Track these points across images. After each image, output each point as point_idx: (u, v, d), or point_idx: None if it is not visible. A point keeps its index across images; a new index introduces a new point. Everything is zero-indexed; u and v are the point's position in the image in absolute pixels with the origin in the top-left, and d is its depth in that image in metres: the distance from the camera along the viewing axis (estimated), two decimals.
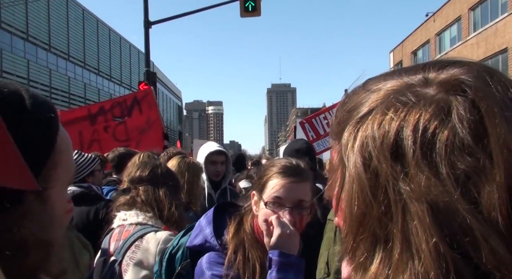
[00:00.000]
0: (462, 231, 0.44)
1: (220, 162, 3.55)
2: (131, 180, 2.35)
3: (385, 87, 0.54)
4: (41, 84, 33.75)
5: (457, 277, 0.44)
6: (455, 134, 0.46)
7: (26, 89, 0.74)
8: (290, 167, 1.62)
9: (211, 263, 1.59)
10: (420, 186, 0.46)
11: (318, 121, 6.37)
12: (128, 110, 6.61)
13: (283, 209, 1.56)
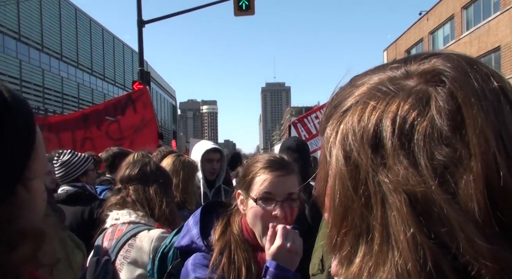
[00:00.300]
0: (440, 221, 0.44)
1: (216, 160, 3.56)
2: (121, 180, 2.35)
3: (369, 81, 0.54)
4: (34, 84, 33.50)
5: (435, 268, 0.43)
6: (433, 125, 0.46)
7: (2, 84, 0.76)
8: (275, 161, 1.62)
9: (196, 265, 1.57)
10: (398, 177, 0.46)
11: (310, 120, 6.42)
12: (121, 109, 6.59)
13: (273, 204, 1.55)
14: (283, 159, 1.66)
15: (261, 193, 1.56)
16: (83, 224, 3.15)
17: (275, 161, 1.61)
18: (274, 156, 1.66)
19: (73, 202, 3.26)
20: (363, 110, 0.51)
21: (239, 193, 1.66)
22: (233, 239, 1.59)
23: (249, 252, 1.58)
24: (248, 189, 1.60)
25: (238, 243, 1.58)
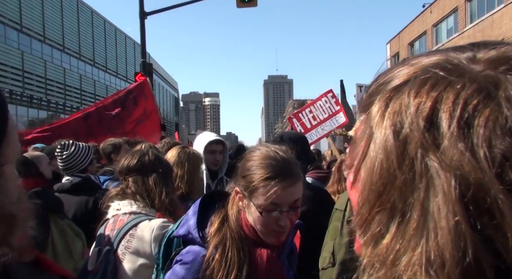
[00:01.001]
0: (490, 213, 0.40)
1: (218, 151, 3.57)
2: (120, 171, 2.35)
3: (427, 60, 0.51)
4: (36, 75, 33.44)
5: (474, 262, 0.40)
6: (499, 113, 0.43)
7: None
8: (280, 168, 1.49)
9: (185, 257, 1.58)
10: (452, 160, 0.43)
11: (305, 115, 6.46)
12: (121, 103, 6.57)
13: (277, 211, 1.49)
14: (289, 163, 1.52)
15: (267, 205, 1.49)
16: (87, 214, 3.18)
17: (281, 168, 1.49)
18: (276, 158, 1.52)
19: (77, 192, 3.29)
20: (420, 87, 0.48)
21: (237, 190, 1.59)
22: (230, 236, 1.55)
23: (246, 251, 1.54)
24: (250, 194, 1.52)
25: (235, 241, 1.54)
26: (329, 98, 6.45)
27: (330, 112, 6.35)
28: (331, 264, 2.18)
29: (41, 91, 34.17)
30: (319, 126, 6.37)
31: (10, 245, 0.75)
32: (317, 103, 6.44)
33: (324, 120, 6.31)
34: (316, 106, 6.41)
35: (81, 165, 3.41)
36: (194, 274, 1.53)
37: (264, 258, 1.55)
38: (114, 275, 2.07)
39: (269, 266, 1.54)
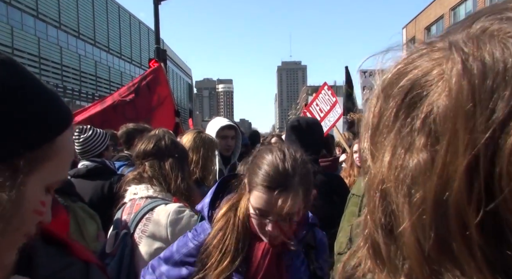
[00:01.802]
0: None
1: (230, 136, 3.55)
2: (137, 156, 2.36)
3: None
4: (52, 61, 33.82)
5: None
6: None
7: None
8: (275, 178, 1.46)
9: (195, 231, 1.69)
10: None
11: (314, 107, 6.82)
12: (135, 90, 6.58)
13: (267, 219, 1.50)
14: (288, 176, 1.47)
15: (255, 209, 1.51)
16: (103, 198, 3.22)
17: (275, 178, 1.46)
18: (277, 166, 1.48)
19: (93, 176, 3.33)
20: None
21: (244, 182, 1.61)
22: (232, 224, 1.56)
23: (245, 242, 1.55)
24: (249, 192, 1.54)
25: (236, 229, 1.55)
26: (326, 91, 6.75)
27: (330, 103, 6.65)
28: (348, 249, 2.18)
29: (57, 78, 34.60)
30: (326, 118, 6.68)
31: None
32: (320, 96, 6.80)
33: (328, 111, 6.61)
34: (320, 99, 6.78)
35: (97, 150, 3.44)
36: (196, 246, 1.62)
37: (260, 252, 1.55)
38: (131, 258, 2.10)
39: (264, 260, 1.54)
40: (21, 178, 0.70)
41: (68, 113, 0.81)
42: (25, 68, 0.77)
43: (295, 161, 1.52)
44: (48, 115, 0.75)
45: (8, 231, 0.68)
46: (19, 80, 0.73)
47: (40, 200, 0.76)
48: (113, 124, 5.75)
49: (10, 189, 0.67)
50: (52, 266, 1.06)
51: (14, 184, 0.68)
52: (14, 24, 29.25)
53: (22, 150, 0.70)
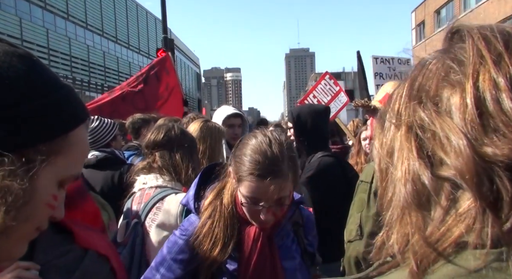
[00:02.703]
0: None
1: (237, 125, 3.55)
2: (147, 146, 2.36)
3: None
4: (61, 53, 33.96)
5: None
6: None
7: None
8: (264, 164, 1.44)
9: (182, 227, 1.68)
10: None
11: (310, 101, 6.50)
12: (144, 79, 6.59)
13: (260, 205, 1.50)
14: (277, 161, 1.46)
15: (247, 197, 1.50)
16: (114, 188, 3.25)
17: (267, 166, 1.44)
18: (268, 153, 1.46)
19: (103, 166, 3.35)
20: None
21: (230, 171, 1.59)
22: (219, 211, 1.58)
23: (234, 228, 1.56)
24: (238, 182, 1.51)
25: (224, 216, 1.56)
26: (327, 81, 6.49)
27: (331, 93, 6.40)
28: (359, 237, 2.18)
29: (66, 69, 34.78)
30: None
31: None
32: (318, 87, 6.48)
33: (328, 102, 6.36)
34: (318, 90, 6.46)
35: (105, 140, 3.47)
36: (185, 241, 1.60)
37: (251, 236, 1.56)
38: (142, 247, 2.13)
39: (256, 244, 1.55)
40: (33, 169, 0.71)
41: (84, 109, 0.83)
42: (43, 63, 0.80)
43: (281, 145, 1.50)
44: (62, 109, 0.77)
45: (19, 220, 0.69)
46: (37, 73, 0.76)
47: (52, 194, 0.77)
48: (123, 114, 5.79)
49: (22, 178, 0.68)
50: (51, 254, 1.10)
51: (26, 174, 0.70)
52: (22, 15, 29.36)
53: (35, 141, 0.72)
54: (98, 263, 1.17)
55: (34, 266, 1.07)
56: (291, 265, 1.64)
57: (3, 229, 0.67)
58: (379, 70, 6.66)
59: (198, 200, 1.67)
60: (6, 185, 0.67)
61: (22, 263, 1.07)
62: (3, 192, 0.66)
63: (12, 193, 0.67)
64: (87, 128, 0.85)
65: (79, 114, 0.81)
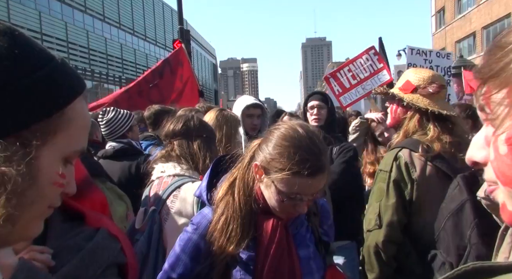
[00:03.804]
0: None
1: (256, 115, 3.52)
2: (166, 135, 2.39)
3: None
4: (79, 46, 34.41)
5: None
6: None
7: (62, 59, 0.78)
8: (312, 162, 1.41)
9: (193, 222, 1.64)
10: None
11: (343, 74, 6.01)
12: (159, 73, 6.63)
13: (298, 199, 1.47)
14: (320, 155, 1.44)
15: (286, 194, 1.46)
16: (131, 178, 3.28)
17: (313, 163, 1.41)
18: (312, 150, 1.43)
19: (120, 157, 3.39)
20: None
21: (257, 165, 1.50)
22: (234, 205, 1.53)
23: (251, 221, 1.52)
24: (274, 178, 1.46)
25: (240, 211, 1.52)
26: (370, 56, 5.94)
27: (372, 70, 5.89)
28: (377, 226, 2.16)
29: (85, 62, 35.25)
30: (359, 86, 5.96)
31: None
32: (357, 61, 5.98)
33: (365, 79, 5.90)
34: (356, 65, 5.96)
35: (121, 130, 3.50)
36: (200, 235, 1.57)
37: (270, 227, 1.53)
38: (159, 234, 2.16)
39: (275, 234, 1.52)
40: (32, 152, 0.68)
41: (78, 81, 0.78)
42: (29, 37, 0.74)
43: (318, 137, 1.49)
44: (53, 84, 0.72)
45: (25, 204, 0.68)
46: (20, 49, 0.70)
47: (58, 172, 0.74)
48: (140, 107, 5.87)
49: (19, 163, 0.66)
50: (62, 238, 1.11)
51: (23, 158, 0.66)
52: (41, 9, 29.81)
53: (28, 122, 0.67)
54: (108, 240, 1.18)
55: (47, 250, 1.08)
56: (306, 253, 1.62)
57: (8, 217, 0.65)
58: (413, 61, 6.38)
59: (211, 191, 1.65)
60: (3, 172, 0.64)
61: (35, 247, 1.07)
62: (0, 180, 0.64)
63: (10, 180, 0.64)
64: (85, 100, 0.81)
65: (73, 87, 0.76)
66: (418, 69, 2.60)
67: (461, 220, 1.76)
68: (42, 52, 0.73)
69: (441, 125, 2.19)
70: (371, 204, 2.25)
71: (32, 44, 0.73)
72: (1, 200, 0.64)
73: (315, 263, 1.64)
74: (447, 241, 1.82)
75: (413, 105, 2.24)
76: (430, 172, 2.13)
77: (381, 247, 2.15)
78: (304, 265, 1.58)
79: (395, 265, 2.20)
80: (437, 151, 2.11)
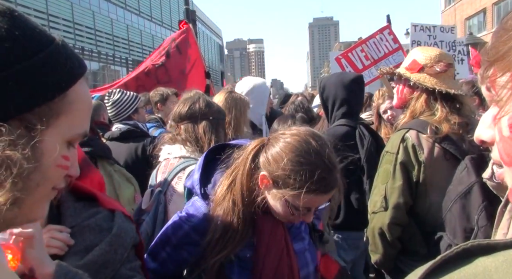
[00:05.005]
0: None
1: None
2: (173, 118, 2.40)
3: None
4: (86, 26, 34.25)
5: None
6: None
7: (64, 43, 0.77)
8: (327, 182, 1.39)
9: (187, 212, 1.59)
10: None
11: (355, 54, 5.78)
12: (166, 53, 6.58)
13: (307, 211, 1.45)
14: (335, 171, 1.41)
15: (298, 206, 1.42)
16: (137, 160, 3.31)
17: (329, 181, 1.39)
18: (327, 168, 1.39)
19: (126, 139, 3.40)
20: None
21: (266, 176, 1.43)
22: (233, 209, 1.48)
23: (251, 224, 1.49)
24: (286, 192, 1.40)
25: (241, 216, 1.47)
26: (385, 35, 5.72)
27: (386, 50, 5.70)
28: (383, 208, 2.15)
29: (91, 43, 35.13)
30: (372, 67, 5.74)
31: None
32: (371, 40, 5.77)
33: (379, 59, 5.70)
34: (369, 44, 5.73)
35: (127, 112, 3.50)
36: (192, 228, 1.54)
37: (269, 228, 1.51)
38: (164, 215, 2.18)
39: (274, 235, 1.51)
40: (36, 135, 0.68)
41: (79, 63, 0.77)
42: (28, 18, 0.73)
43: (330, 149, 1.43)
44: (55, 66, 0.71)
45: (31, 187, 0.68)
46: (20, 30, 0.69)
47: (61, 155, 0.74)
48: (147, 88, 5.87)
49: (24, 147, 0.66)
50: (79, 217, 1.15)
51: (28, 141, 0.66)
52: None
53: (31, 104, 0.67)
54: (127, 222, 1.23)
55: (65, 229, 1.11)
56: (301, 246, 1.62)
57: (14, 201, 0.65)
58: (417, 38, 6.20)
59: (204, 185, 1.59)
60: (8, 156, 0.64)
61: (53, 226, 1.10)
62: (6, 164, 0.64)
63: (16, 164, 0.64)
64: (86, 82, 0.80)
65: (74, 69, 0.75)
66: (425, 48, 2.54)
67: (469, 203, 1.75)
68: (43, 34, 0.72)
69: (449, 105, 2.15)
70: (377, 186, 2.23)
71: (33, 26, 0.72)
72: (7, 184, 0.64)
73: (310, 254, 1.64)
74: (453, 224, 1.81)
75: (420, 84, 2.19)
76: (438, 154, 2.10)
77: (386, 229, 2.15)
78: (300, 258, 1.58)
79: (400, 246, 2.21)
80: (445, 133, 2.08)
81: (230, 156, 1.57)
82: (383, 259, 2.24)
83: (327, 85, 3.12)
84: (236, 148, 1.58)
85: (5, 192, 0.64)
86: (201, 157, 1.67)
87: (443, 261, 0.52)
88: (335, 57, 6.15)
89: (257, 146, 1.50)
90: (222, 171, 1.58)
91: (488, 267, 0.49)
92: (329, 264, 1.72)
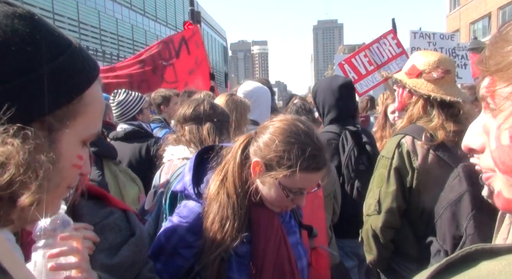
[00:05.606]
0: None
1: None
2: (178, 119, 2.42)
3: None
4: (91, 26, 34.33)
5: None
6: None
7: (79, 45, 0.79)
8: (319, 160, 1.44)
9: (181, 215, 1.59)
10: None
11: (359, 60, 5.78)
12: (176, 52, 6.57)
13: (299, 193, 1.50)
14: (324, 149, 1.48)
15: (295, 189, 1.47)
16: (141, 160, 3.36)
17: (321, 158, 1.45)
18: (317, 145, 1.45)
19: (131, 139, 3.45)
20: None
21: (258, 162, 1.47)
22: (228, 203, 1.50)
23: (246, 217, 1.51)
24: (279, 174, 1.44)
25: (235, 208, 1.49)
26: (389, 40, 5.72)
27: (390, 55, 5.69)
28: (377, 212, 2.20)
29: (96, 42, 35.21)
30: (376, 72, 5.70)
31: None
32: (374, 45, 5.76)
33: (382, 64, 5.67)
34: (372, 50, 5.73)
35: (131, 112, 3.55)
36: (187, 229, 1.54)
37: (265, 220, 1.54)
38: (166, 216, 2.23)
39: (271, 226, 1.54)
40: (56, 137, 0.70)
41: (94, 65, 0.80)
42: (46, 21, 0.74)
43: (317, 133, 1.51)
44: (74, 70, 0.74)
45: (51, 188, 0.71)
46: (41, 34, 0.70)
47: (77, 155, 0.76)
48: (151, 84, 5.88)
49: (48, 150, 0.68)
50: (96, 216, 1.19)
51: (50, 144, 0.69)
52: None
53: (52, 107, 0.69)
54: (138, 221, 1.29)
55: (89, 226, 1.11)
56: (294, 240, 1.66)
57: (37, 201, 0.68)
58: (416, 44, 6.17)
59: (197, 185, 1.60)
60: (36, 160, 0.66)
61: (80, 224, 1.09)
62: (33, 167, 0.65)
63: (42, 167, 0.66)
64: (100, 83, 0.82)
65: (90, 71, 0.78)
66: (426, 52, 2.53)
67: (458, 210, 1.77)
68: (61, 37, 0.74)
69: (446, 112, 2.16)
70: (371, 189, 2.28)
71: (51, 29, 0.74)
72: (33, 187, 0.65)
73: (302, 248, 1.69)
74: (443, 230, 1.85)
75: (415, 91, 2.21)
76: (432, 161, 2.13)
77: (379, 232, 2.20)
78: (294, 251, 1.62)
79: (393, 248, 2.27)
80: (441, 140, 2.10)
81: (219, 154, 1.62)
82: (377, 260, 2.31)
83: (318, 91, 3.16)
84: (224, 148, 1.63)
85: (31, 194, 0.66)
86: (191, 159, 1.70)
87: (448, 264, 0.54)
88: (338, 63, 6.15)
89: (245, 140, 1.56)
90: (214, 170, 1.61)
91: (492, 270, 0.50)
92: (319, 258, 1.77)
